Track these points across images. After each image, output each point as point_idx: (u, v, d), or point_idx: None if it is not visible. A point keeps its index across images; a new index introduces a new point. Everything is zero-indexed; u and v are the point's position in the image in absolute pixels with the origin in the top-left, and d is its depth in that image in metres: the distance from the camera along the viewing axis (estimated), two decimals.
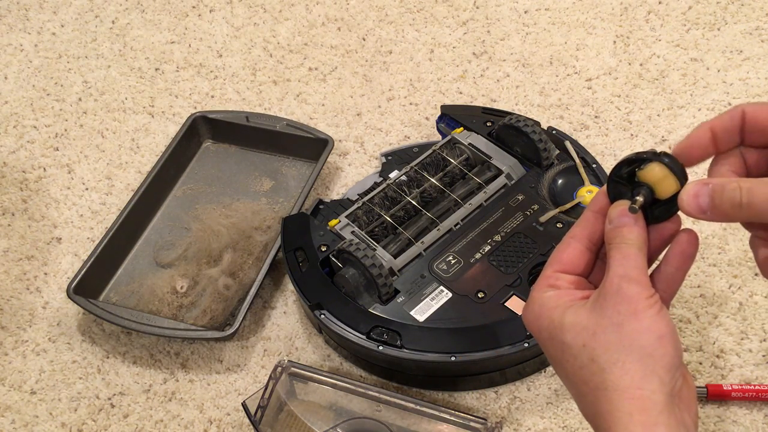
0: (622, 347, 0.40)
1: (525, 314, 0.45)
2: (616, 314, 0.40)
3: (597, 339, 0.40)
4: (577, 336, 0.41)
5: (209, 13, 1.06)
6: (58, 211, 0.86)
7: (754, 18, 0.96)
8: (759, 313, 0.69)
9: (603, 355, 0.40)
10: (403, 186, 0.75)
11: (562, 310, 0.43)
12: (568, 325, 0.42)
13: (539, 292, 0.45)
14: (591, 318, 0.41)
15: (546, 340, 0.43)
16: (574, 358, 0.41)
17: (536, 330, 0.44)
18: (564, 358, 0.42)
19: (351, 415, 0.65)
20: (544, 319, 0.43)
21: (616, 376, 0.39)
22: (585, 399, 0.41)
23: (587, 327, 0.41)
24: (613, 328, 0.40)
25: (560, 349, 0.42)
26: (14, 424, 0.69)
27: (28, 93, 0.99)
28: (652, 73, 0.91)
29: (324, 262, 0.70)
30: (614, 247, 0.42)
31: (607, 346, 0.40)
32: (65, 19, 1.08)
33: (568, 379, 0.43)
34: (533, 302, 0.45)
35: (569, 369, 0.42)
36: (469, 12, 1.02)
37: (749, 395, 0.64)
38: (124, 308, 0.72)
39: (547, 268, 0.46)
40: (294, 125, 0.86)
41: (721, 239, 0.75)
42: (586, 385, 0.41)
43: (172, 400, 0.70)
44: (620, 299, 0.40)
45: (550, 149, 0.75)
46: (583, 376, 0.41)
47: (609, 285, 0.41)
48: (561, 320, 0.42)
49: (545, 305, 0.44)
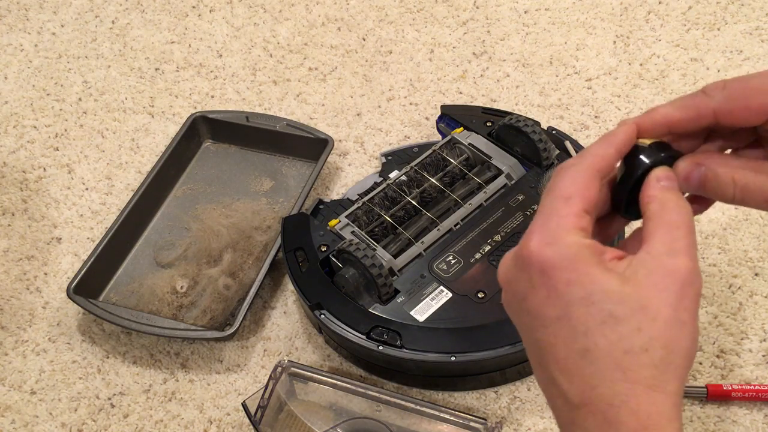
0: (681, 351, 0.35)
1: (545, 255, 0.36)
2: (683, 311, 0.35)
3: (657, 329, 0.35)
4: (632, 314, 0.35)
5: (209, 13, 1.06)
6: (58, 211, 0.86)
7: (754, 18, 0.96)
8: (759, 313, 0.69)
9: (660, 351, 0.35)
10: (403, 186, 0.75)
11: (603, 270, 0.36)
12: (617, 294, 0.35)
13: (572, 234, 0.37)
14: (650, 298, 0.35)
15: (577, 300, 0.35)
16: (619, 337, 0.35)
17: (563, 282, 0.36)
18: (601, 332, 0.35)
19: (351, 415, 0.65)
20: (581, 274, 0.36)
21: (668, 378, 0.35)
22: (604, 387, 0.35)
23: (647, 309, 0.35)
24: (677, 325, 0.35)
25: (600, 319, 0.35)
26: (14, 424, 0.69)
27: (28, 93, 0.99)
28: (652, 73, 0.91)
29: (324, 262, 0.70)
30: (680, 228, 0.37)
31: (667, 343, 0.35)
32: (65, 19, 1.08)
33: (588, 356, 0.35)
34: (562, 244, 0.36)
35: (602, 346, 0.35)
36: (469, 12, 1.02)
37: (749, 395, 0.64)
38: (124, 308, 0.72)
39: (575, 200, 0.38)
40: (294, 125, 0.86)
41: (721, 239, 0.75)
42: (622, 373, 0.35)
43: (172, 400, 0.70)
44: (691, 295, 0.36)
45: (550, 149, 0.75)
46: (623, 361, 0.35)
47: (684, 270, 0.35)
48: (608, 284, 0.35)
49: (582, 257, 0.36)
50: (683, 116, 0.39)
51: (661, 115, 0.40)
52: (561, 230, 0.37)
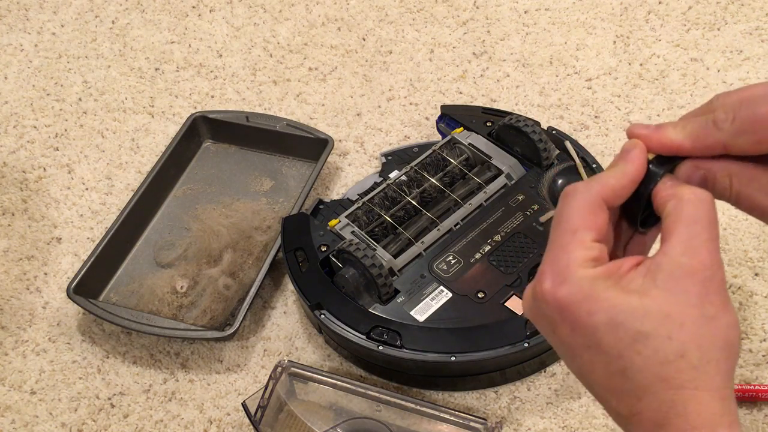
0: (715, 344, 0.35)
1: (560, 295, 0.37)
2: (709, 305, 0.35)
3: (687, 332, 0.35)
4: (659, 326, 0.35)
5: (209, 13, 1.06)
6: (58, 211, 0.86)
7: (754, 18, 0.96)
8: (759, 313, 0.69)
9: (695, 351, 0.35)
10: (403, 186, 0.75)
11: (621, 290, 0.36)
12: (640, 309, 0.35)
13: (583, 267, 0.37)
14: (672, 303, 0.35)
15: (603, 326, 0.36)
16: (653, 351, 0.35)
17: (584, 314, 0.36)
18: (633, 350, 0.35)
19: (351, 415, 0.65)
20: (600, 302, 0.36)
21: (710, 375, 0.35)
22: (649, 398, 0.35)
23: (671, 316, 0.35)
24: (706, 321, 0.35)
25: (629, 339, 0.35)
26: (14, 424, 0.69)
27: (28, 93, 0.99)
28: (652, 73, 0.91)
29: (324, 262, 0.70)
30: (697, 223, 0.36)
31: (700, 342, 0.35)
32: (65, 19, 1.08)
33: (626, 376, 0.36)
34: (575, 280, 0.36)
35: (638, 363, 0.35)
36: (469, 12, 1.02)
37: (749, 395, 0.64)
38: (124, 308, 0.72)
39: (582, 232, 0.38)
40: (294, 125, 0.86)
41: (721, 239, 0.74)
42: (665, 383, 0.35)
43: (172, 400, 0.70)
44: (715, 288, 0.36)
45: (550, 149, 0.75)
46: (662, 372, 0.35)
47: (702, 267, 0.35)
48: (628, 303, 0.35)
49: (598, 286, 0.36)
50: (693, 147, 0.39)
51: (671, 140, 0.39)
52: (572, 266, 0.37)
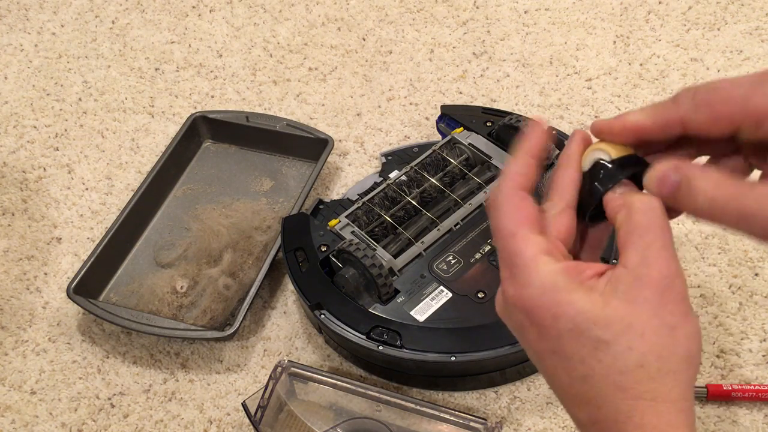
0: (675, 355, 0.35)
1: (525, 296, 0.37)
2: (669, 315, 0.35)
3: (647, 342, 0.35)
4: (620, 335, 0.35)
5: (209, 13, 1.06)
6: (58, 211, 0.86)
7: (754, 18, 0.96)
8: (759, 313, 0.69)
9: (655, 362, 0.34)
10: (403, 186, 0.75)
11: (584, 294, 0.36)
12: (602, 318, 0.35)
13: (539, 263, 0.36)
14: (633, 313, 0.35)
15: (567, 332, 0.35)
16: (613, 360, 0.35)
17: (549, 318, 0.36)
18: (595, 358, 0.35)
19: (351, 415, 0.65)
20: (564, 306, 0.35)
21: (668, 387, 0.35)
22: (608, 407, 0.35)
23: (632, 326, 0.35)
24: (666, 332, 0.35)
25: (591, 346, 0.35)
26: (14, 424, 0.69)
27: (28, 93, 0.99)
28: (652, 73, 0.91)
29: (324, 262, 0.70)
30: (650, 232, 0.36)
31: (660, 353, 0.35)
32: (65, 19, 1.08)
33: (588, 382, 0.36)
34: (535, 279, 0.36)
35: (599, 371, 0.35)
36: (469, 12, 1.02)
37: (749, 395, 0.64)
38: (124, 308, 0.72)
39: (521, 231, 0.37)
40: (294, 125, 0.86)
41: (721, 239, 0.75)
42: (622, 393, 0.35)
43: (172, 400, 0.70)
44: (674, 298, 0.35)
45: (550, 149, 0.75)
46: (621, 382, 0.35)
47: (658, 277, 0.35)
48: (592, 310, 0.35)
49: (560, 286, 0.36)
50: (652, 124, 0.38)
51: (632, 122, 0.39)
52: (528, 266, 0.37)
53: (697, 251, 0.74)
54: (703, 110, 0.37)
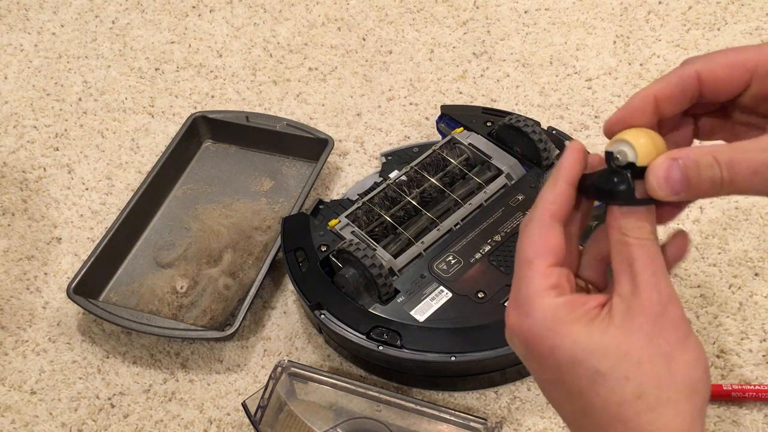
0: (674, 383, 0.34)
1: (525, 327, 0.37)
2: (664, 343, 0.34)
3: (644, 371, 0.34)
4: (617, 365, 0.34)
5: (209, 13, 1.06)
6: (58, 211, 0.86)
7: (754, 18, 0.96)
8: (759, 313, 0.69)
9: (653, 392, 0.34)
10: (403, 186, 0.75)
11: (584, 325, 0.35)
12: (600, 349, 0.35)
13: (543, 297, 0.36)
14: (629, 342, 0.35)
15: (565, 364, 0.35)
16: (610, 391, 0.34)
17: (547, 349, 0.36)
18: (593, 390, 0.35)
19: (351, 415, 0.65)
20: (563, 337, 0.35)
21: (669, 417, 0.34)
22: None
23: (629, 354, 0.34)
24: (662, 360, 0.34)
25: (588, 378, 0.35)
26: (14, 424, 0.69)
27: (28, 93, 0.99)
28: (652, 73, 0.91)
29: (324, 262, 0.70)
30: (636, 259, 0.36)
31: (658, 382, 0.34)
32: (65, 19, 1.08)
33: (588, 414, 0.35)
34: (537, 312, 0.36)
35: (597, 403, 0.35)
36: (469, 12, 1.02)
37: (749, 395, 0.64)
38: (124, 308, 0.72)
39: (537, 261, 0.37)
40: (294, 125, 0.86)
41: (721, 239, 0.75)
42: (623, 425, 0.34)
43: (172, 400, 0.70)
44: (668, 325, 0.35)
45: (550, 149, 0.75)
46: (620, 413, 0.34)
47: (648, 305, 0.35)
48: (589, 340, 0.35)
49: (560, 318, 0.36)
50: (668, 88, 0.37)
51: (651, 92, 0.37)
52: (532, 298, 0.37)
53: (697, 251, 0.74)
54: (719, 60, 0.37)
